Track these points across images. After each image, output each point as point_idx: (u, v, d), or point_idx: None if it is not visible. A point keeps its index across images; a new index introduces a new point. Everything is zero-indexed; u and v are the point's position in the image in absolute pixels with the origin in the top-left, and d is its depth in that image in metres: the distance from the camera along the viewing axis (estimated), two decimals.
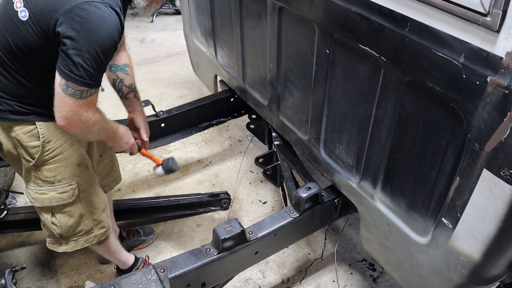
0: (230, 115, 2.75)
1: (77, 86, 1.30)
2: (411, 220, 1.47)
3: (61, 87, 1.31)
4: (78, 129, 1.39)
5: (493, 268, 1.29)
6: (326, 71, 1.63)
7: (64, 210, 1.66)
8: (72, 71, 1.28)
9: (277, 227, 1.74)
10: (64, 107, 1.33)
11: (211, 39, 2.64)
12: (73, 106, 1.33)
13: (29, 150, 1.51)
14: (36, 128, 1.49)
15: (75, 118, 1.35)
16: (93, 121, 1.41)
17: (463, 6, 1.02)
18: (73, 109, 1.34)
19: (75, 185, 1.64)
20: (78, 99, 1.32)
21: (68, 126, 1.37)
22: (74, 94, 1.31)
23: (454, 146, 1.20)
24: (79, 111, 1.35)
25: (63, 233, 1.71)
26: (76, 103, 1.33)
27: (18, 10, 1.33)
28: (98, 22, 1.27)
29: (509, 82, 0.97)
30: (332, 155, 1.83)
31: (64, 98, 1.32)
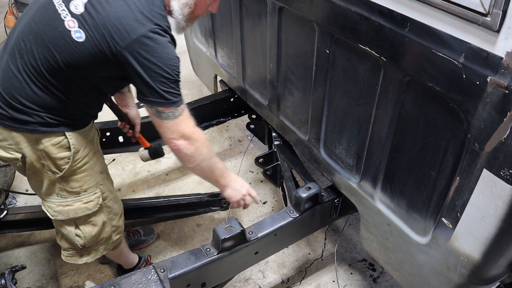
0: (230, 115, 2.75)
1: (166, 109, 1.39)
2: (411, 220, 1.47)
3: (156, 116, 1.41)
4: (187, 147, 1.47)
5: (493, 268, 1.29)
6: (326, 71, 1.63)
7: (88, 220, 1.65)
8: (157, 98, 1.37)
9: (277, 227, 1.74)
10: (168, 133, 1.44)
11: (211, 39, 2.64)
12: (174, 127, 1.43)
13: (56, 162, 1.49)
14: (65, 139, 1.47)
15: (180, 136, 1.45)
16: (196, 134, 1.49)
17: (463, 6, 1.02)
18: (175, 130, 1.44)
19: (99, 193, 1.64)
20: (174, 119, 1.42)
21: (180, 148, 1.46)
22: (169, 117, 1.41)
23: (454, 146, 1.20)
24: (179, 129, 1.44)
25: (87, 244, 1.70)
26: (174, 124, 1.43)
27: (71, 30, 1.31)
28: (162, 47, 1.34)
29: (509, 82, 0.97)
30: (332, 155, 1.83)
31: (164, 124, 1.42)
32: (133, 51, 1.30)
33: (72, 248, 1.74)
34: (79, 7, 1.32)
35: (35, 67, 1.35)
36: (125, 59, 1.31)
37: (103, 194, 1.65)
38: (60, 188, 1.55)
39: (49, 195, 1.58)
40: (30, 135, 1.43)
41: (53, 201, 1.58)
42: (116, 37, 1.29)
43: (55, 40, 1.33)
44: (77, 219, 1.62)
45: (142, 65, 1.31)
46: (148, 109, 1.42)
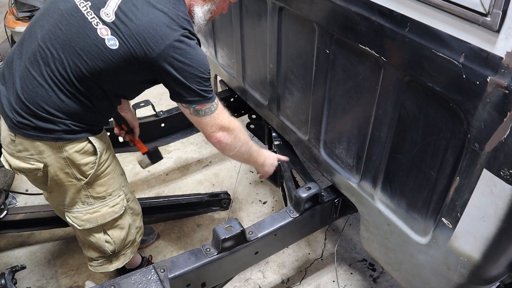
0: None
1: (203, 106, 1.47)
2: (411, 220, 1.47)
3: (194, 114, 1.49)
4: (227, 137, 1.56)
5: (493, 268, 1.29)
6: (326, 71, 1.63)
7: (115, 224, 1.66)
8: (195, 97, 1.43)
9: (277, 227, 1.74)
10: (208, 128, 1.53)
11: (211, 39, 2.64)
12: (212, 121, 1.51)
13: (81, 168, 1.49)
14: (88, 144, 1.48)
15: (219, 128, 1.54)
16: (233, 124, 1.59)
17: (463, 6, 1.02)
18: (214, 124, 1.52)
19: (123, 195, 1.65)
20: (211, 114, 1.50)
21: (220, 140, 1.56)
22: (206, 113, 1.49)
23: (454, 146, 1.20)
24: (217, 122, 1.53)
25: (117, 248, 1.71)
26: (212, 118, 1.51)
27: (105, 38, 1.33)
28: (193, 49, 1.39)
29: (509, 82, 0.97)
30: (332, 155, 1.83)
31: (202, 121, 1.50)
32: (168, 56, 1.34)
33: (101, 257, 1.74)
34: (110, 15, 1.34)
35: (64, 74, 1.35)
36: (160, 64, 1.35)
37: (126, 196, 1.67)
38: (86, 195, 1.56)
39: (75, 204, 1.57)
40: (54, 144, 1.42)
41: (79, 211, 1.58)
42: (151, 43, 1.32)
43: (88, 47, 1.33)
44: (105, 224, 1.63)
45: (178, 68, 1.37)
46: (184, 109, 1.50)
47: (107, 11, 1.34)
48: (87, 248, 1.73)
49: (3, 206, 2.19)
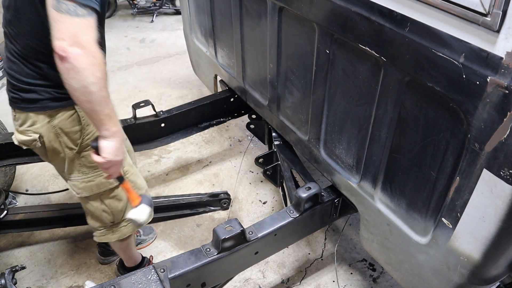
0: (230, 115, 2.75)
1: (69, 1, 1.16)
2: (411, 220, 1.47)
3: (54, 8, 1.16)
4: (80, 58, 1.17)
5: (493, 268, 1.29)
6: (326, 71, 1.63)
7: (112, 194, 1.67)
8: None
9: (277, 227, 1.74)
10: (61, 29, 1.16)
11: (211, 39, 2.64)
12: (70, 26, 1.16)
13: (72, 136, 1.51)
14: (75, 112, 1.48)
15: (73, 41, 1.16)
16: (95, 49, 1.21)
17: (463, 6, 1.02)
18: (70, 29, 1.16)
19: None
20: (74, 17, 1.16)
21: (67, 54, 1.16)
22: (68, 11, 1.16)
23: (454, 146, 1.20)
24: (76, 32, 1.17)
25: (115, 219, 1.72)
26: (73, 22, 1.16)
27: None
28: None
29: (509, 82, 0.97)
30: (332, 155, 1.83)
31: (58, 17, 1.16)
32: None
33: (103, 226, 1.76)
34: None
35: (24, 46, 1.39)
36: None
37: (123, 168, 1.61)
38: (79, 164, 1.57)
39: (71, 173, 1.60)
40: (44, 113, 1.46)
41: (76, 179, 1.61)
42: None
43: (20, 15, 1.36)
44: (101, 194, 1.64)
45: None
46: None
47: None
48: (90, 217, 1.75)
49: (3, 206, 2.19)
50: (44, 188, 2.81)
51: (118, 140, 1.37)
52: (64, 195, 2.71)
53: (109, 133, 1.34)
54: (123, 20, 5.48)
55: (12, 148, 2.17)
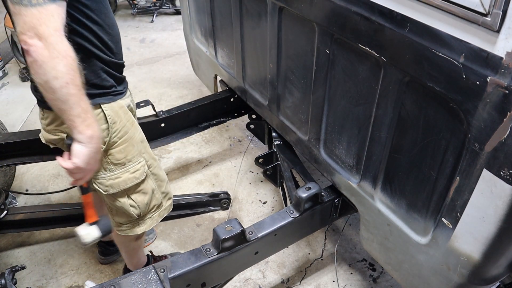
0: (230, 115, 2.75)
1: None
2: (411, 220, 1.47)
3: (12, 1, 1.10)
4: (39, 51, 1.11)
5: (493, 268, 1.29)
6: (326, 71, 1.63)
7: (138, 189, 1.66)
8: None
9: (277, 227, 1.74)
10: (18, 21, 1.11)
11: (211, 39, 2.64)
12: (26, 17, 1.10)
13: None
14: (101, 112, 1.45)
15: (32, 33, 1.10)
16: (56, 40, 1.13)
17: (463, 6, 1.02)
18: (27, 21, 1.10)
19: (144, 161, 1.64)
20: (29, 7, 1.09)
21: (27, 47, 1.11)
22: (21, 1, 1.09)
23: (454, 146, 1.20)
24: (34, 22, 1.10)
25: (141, 213, 1.72)
26: (29, 13, 1.09)
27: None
28: None
29: (509, 82, 0.97)
30: (332, 155, 1.83)
31: (14, 10, 1.10)
32: None
33: (128, 221, 1.75)
34: None
35: None
36: None
37: (147, 162, 1.66)
38: (106, 162, 1.55)
39: (98, 171, 1.56)
40: None
41: (102, 177, 1.59)
42: None
43: None
44: (128, 189, 1.63)
45: None
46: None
47: None
48: (115, 213, 1.74)
49: (3, 206, 2.19)
50: (44, 188, 2.81)
51: (93, 147, 1.30)
52: (64, 195, 2.71)
53: (82, 137, 1.27)
54: (123, 20, 5.48)
55: (12, 148, 2.17)
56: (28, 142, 2.17)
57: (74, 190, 2.69)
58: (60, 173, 2.92)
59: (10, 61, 4.36)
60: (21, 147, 2.18)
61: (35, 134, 2.18)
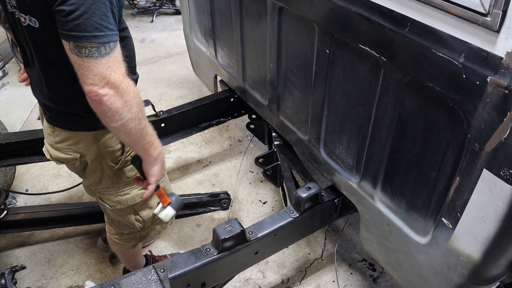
0: (230, 115, 2.75)
1: (89, 44, 1.08)
2: (411, 220, 1.47)
3: (74, 52, 1.09)
4: (111, 99, 1.12)
5: (493, 268, 1.29)
6: (326, 71, 1.63)
7: (145, 204, 1.67)
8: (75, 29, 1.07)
9: (277, 227, 1.74)
10: (88, 74, 1.10)
11: (211, 39, 2.64)
12: (96, 69, 1.10)
13: (114, 155, 1.49)
14: None
15: (103, 83, 1.10)
16: (126, 84, 1.15)
17: (463, 6, 1.02)
18: (98, 72, 1.10)
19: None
20: (98, 58, 1.10)
21: (99, 98, 1.11)
22: (91, 54, 1.09)
23: (454, 146, 1.20)
24: (105, 72, 1.10)
25: (145, 226, 1.72)
26: (98, 64, 1.10)
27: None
28: None
29: (509, 82, 0.97)
30: (332, 155, 1.83)
31: (82, 63, 1.10)
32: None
33: (131, 232, 1.75)
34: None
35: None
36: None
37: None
38: (117, 179, 1.56)
39: (107, 187, 1.58)
40: (89, 133, 1.43)
41: (111, 192, 1.59)
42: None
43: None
44: (134, 205, 1.63)
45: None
46: (64, 44, 1.12)
47: None
48: (116, 225, 1.74)
49: (3, 206, 2.19)
50: (44, 188, 2.81)
51: (161, 161, 1.39)
52: (64, 195, 2.71)
53: (152, 159, 1.35)
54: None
55: (12, 148, 2.17)
56: (28, 142, 2.17)
57: (74, 190, 2.69)
58: (60, 173, 2.92)
59: (10, 61, 4.36)
60: (21, 147, 2.18)
61: (35, 134, 2.19)
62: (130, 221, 1.68)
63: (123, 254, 1.98)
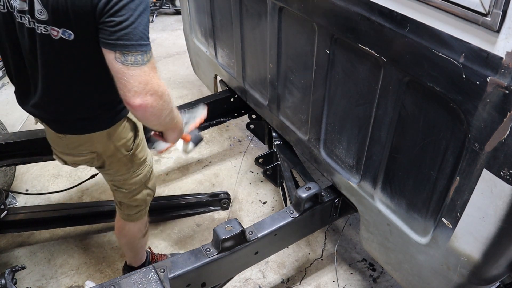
0: (230, 115, 2.75)
1: (135, 52, 1.16)
2: (411, 220, 1.47)
3: (119, 61, 1.16)
4: (154, 103, 1.21)
5: (493, 268, 1.29)
6: (326, 71, 1.63)
7: (151, 176, 1.80)
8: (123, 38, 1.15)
9: (277, 227, 1.74)
10: (133, 81, 1.17)
11: (211, 39, 2.64)
12: (141, 75, 1.17)
13: (126, 143, 1.57)
14: (127, 121, 1.54)
15: (148, 89, 1.18)
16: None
17: (463, 6, 1.02)
18: (143, 79, 1.18)
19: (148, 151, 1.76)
20: (143, 65, 1.18)
21: (145, 103, 1.19)
22: (136, 62, 1.16)
23: (454, 146, 1.20)
24: (147, 78, 1.18)
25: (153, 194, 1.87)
26: (143, 71, 1.18)
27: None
28: None
29: (509, 82, 0.97)
30: (332, 155, 1.83)
31: (127, 71, 1.17)
32: None
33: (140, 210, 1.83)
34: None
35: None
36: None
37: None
38: (132, 165, 1.65)
39: (123, 174, 1.67)
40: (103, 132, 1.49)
41: (126, 178, 1.68)
42: None
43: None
44: (146, 180, 1.76)
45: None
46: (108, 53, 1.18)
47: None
48: (125, 207, 1.80)
49: (3, 206, 2.19)
50: (44, 188, 2.81)
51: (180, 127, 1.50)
52: (64, 195, 2.71)
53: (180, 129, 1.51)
54: None
55: (12, 148, 2.17)
56: (28, 142, 2.17)
57: (74, 190, 2.69)
58: (60, 173, 2.92)
59: None
60: (21, 147, 2.18)
61: (35, 134, 2.19)
62: (143, 198, 1.79)
63: (133, 245, 1.98)
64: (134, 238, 1.92)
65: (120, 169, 1.64)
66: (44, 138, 2.08)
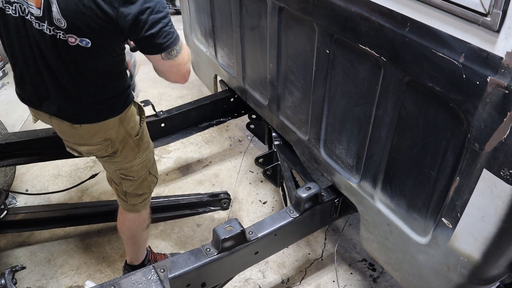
0: (230, 115, 2.75)
1: (175, 46, 1.42)
2: (411, 220, 1.47)
3: (166, 58, 1.42)
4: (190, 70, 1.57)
5: (493, 268, 1.29)
6: (326, 71, 1.63)
7: (153, 161, 1.88)
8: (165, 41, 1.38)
9: (277, 227, 1.74)
10: (181, 68, 1.49)
11: (211, 39, 2.64)
12: (183, 60, 1.47)
13: (135, 128, 1.68)
14: (133, 105, 1.66)
15: (188, 69, 1.54)
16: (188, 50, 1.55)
17: (463, 6, 1.02)
18: (184, 61, 1.49)
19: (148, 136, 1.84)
20: (181, 52, 1.46)
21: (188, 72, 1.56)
22: (178, 51, 1.43)
23: (454, 146, 1.20)
24: (185, 57, 1.50)
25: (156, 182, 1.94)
26: (181, 56, 1.46)
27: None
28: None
29: (509, 82, 0.97)
30: (332, 155, 1.83)
31: (174, 63, 1.45)
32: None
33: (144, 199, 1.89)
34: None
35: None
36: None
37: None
38: (137, 149, 1.72)
39: (131, 160, 1.73)
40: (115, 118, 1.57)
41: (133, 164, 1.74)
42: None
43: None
44: (150, 166, 1.84)
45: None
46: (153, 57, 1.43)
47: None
48: (131, 197, 1.84)
49: (3, 206, 2.19)
50: (44, 188, 2.81)
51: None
52: (64, 195, 2.71)
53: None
54: None
55: (12, 148, 2.17)
56: (28, 142, 2.17)
57: (74, 190, 2.69)
58: (60, 173, 2.92)
59: None
60: (21, 147, 2.18)
61: (35, 134, 2.19)
62: (147, 185, 1.85)
63: (137, 237, 1.99)
64: (138, 230, 1.94)
65: (128, 155, 1.70)
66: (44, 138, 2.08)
